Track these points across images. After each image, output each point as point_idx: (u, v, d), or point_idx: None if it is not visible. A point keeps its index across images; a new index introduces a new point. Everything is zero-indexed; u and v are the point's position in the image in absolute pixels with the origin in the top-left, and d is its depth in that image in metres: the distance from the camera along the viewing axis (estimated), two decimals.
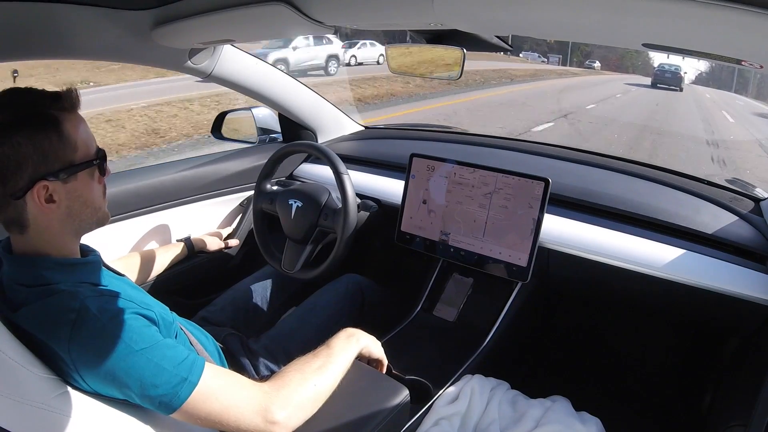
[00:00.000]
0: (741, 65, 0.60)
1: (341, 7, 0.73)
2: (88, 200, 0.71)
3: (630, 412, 1.31)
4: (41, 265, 0.67)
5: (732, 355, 1.19)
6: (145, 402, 0.64)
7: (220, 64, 1.25)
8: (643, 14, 0.50)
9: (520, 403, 0.99)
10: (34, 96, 0.66)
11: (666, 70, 18.26)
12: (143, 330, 0.65)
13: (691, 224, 1.07)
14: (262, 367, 1.02)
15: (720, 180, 1.29)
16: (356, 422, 0.75)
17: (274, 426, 0.67)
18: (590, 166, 1.35)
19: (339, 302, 1.21)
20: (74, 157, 0.68)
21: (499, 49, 1.01)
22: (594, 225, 1.13)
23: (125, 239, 1.27)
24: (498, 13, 0.62)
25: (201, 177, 1.42)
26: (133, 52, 1.07)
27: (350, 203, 1.18)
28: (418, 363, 1.09)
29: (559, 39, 0.81)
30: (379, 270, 1.66)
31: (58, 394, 0.61)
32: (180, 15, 0.89)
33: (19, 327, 0.63)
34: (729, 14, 0.44)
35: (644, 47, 0.63)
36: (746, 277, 0.97)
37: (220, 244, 1.42)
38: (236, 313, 1.21)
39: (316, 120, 1.63)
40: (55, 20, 0.86)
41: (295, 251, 1.29)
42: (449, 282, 1.36)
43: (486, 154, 1.44)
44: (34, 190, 0.64)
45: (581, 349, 1.52)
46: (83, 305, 0.63)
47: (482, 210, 1.19)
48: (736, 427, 0.86)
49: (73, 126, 0.68)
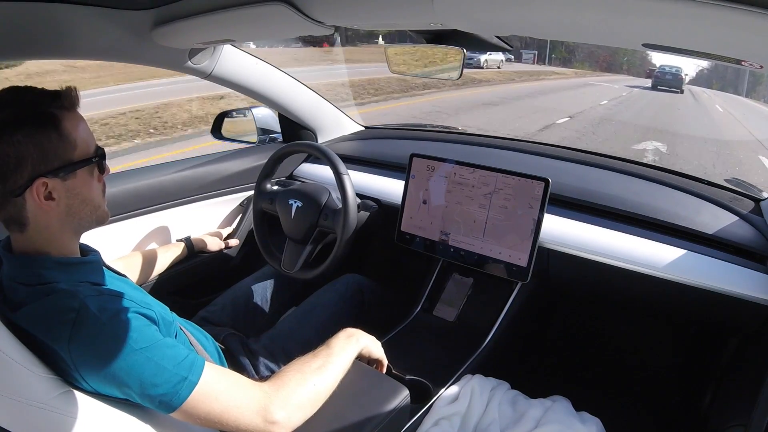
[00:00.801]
0: (741, 65, 0.60)
1: (341, 7, 0.73)
2: (87, 198, 0.71)
3: (630, 412, 1.31)
4: (41, 264, 0.67)
5: (732, 355, 1.19)
6: (145, 401, 0.64)
7: (220, 64, 1.25)
8: (643, 14, 0.50)
9: (520, 403, 0.99)
10: (35, 94, 0.67)
11: (666, 72, 18.14)
12: (143, 329, 0.65)
13: (691, 224, 1.07)
14: (262, 367, 1.02)
15: (720, 180, 1.29)
16: (356, 422, 0.75)
17: (273, 426, 0.67)
18: (590, 166, 1.35)
19: (339, 302, 1.21)
20: (73, 155, 0.68)
21: (499, 49, 1.01)
22: (594, 225, 1.13)
23: (125, 239, 1.27)
24: (498, 13, 0.62)
25: (201, 177, 1.42)
26: (133, 52, 1.07)
27: (350, 203, 1.18)
28: (418, 363, 1.09)
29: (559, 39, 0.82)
30: (379, 270, 1.66)
31: (58, 394, 0.61)
32: (180, 15, 0.89)
33: (19, 326, 0.63)
34: (729, 14, 0.44)
35: (644, 47, 0.63)
36: (746, 277, 0.97)
37: (221, 244, 1.42)
38: (236, 313, 1.21)
39: (316, 120, 1.63)
40: (55, 20, 0.86)
41: (295, 251, 1.29)
42: (449, 282, 1.36)
43: (486, 154, 1.44)
44: (33, 188, 0.65)
45: (581, 349, 1.52)
46: (83, 305, 0.63)
47: (482, 210, 1.19)
48: (736, 427, 0.86)
49: (73, 124, 0.68)
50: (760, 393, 0.74)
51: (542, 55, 29.29)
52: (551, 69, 24.81)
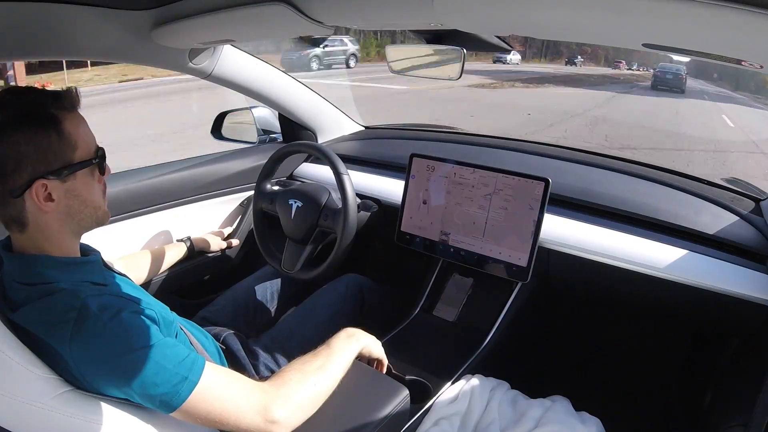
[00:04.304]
0: (741, 65, 0.60)
1: (341, 8, 0.73)
2: (87, 199, 0.71)
3: (630, 412, 1.31)
4: (42, 264, 0.67)
5: (732, 355, 1.19)
6: (145, 401, 0.64)
7: (220, 64, 1.25)
8: (644, 14, 0.50)
9: (520, 403, 0.99)
10: (35, 95, 0.66)
11: (667, 71, 17.96)
12: (144, 329, 0.65)
13: (691, 224, 1.07)
14: (262, 366, 1.02)
15: (720, 180, 1.29)
16: (356, 422, 0.75)
17: (274, 425, 0.67)
18: (590, 166, 1.35)
19: (339, 302, 1.21)
20: (73, 156, 0.68)
21: (499, 48, 1.02)
22: (594, 225, 1.13)
23: (126, 239, 1.27)
24: (498, 13, 0.62)
25: (201, 177, 1.42)
26: (133, 52, 1.07)
27: (350, 203, 1.18)
28: (418, 363, 1.09)
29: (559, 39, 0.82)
30: (379, 270, 1.66)
31: (58, 394, 0.61)
32: (180, 15, 0.89)
33: (20, 326, 0.63)
34: (729, 14, 0.44)
35: (644, 47, 0.63)
36: (746, 277, 0.97)
37: (221, 244, 1.42)
38: (236, 313, 1.21)
39: (316, 120, 1.63)
40: (55, 20, 0.86)
41: (295, 251, 1.29)
42: (449, 282, 1.35)
43: (486, 155, 1.44)
44: (32, 189, 0.64)
45: (581, 349, 1.52)
46: (84, 304, 0.63)
47: (482, 211, 1.19)
48: (736, 427, 0.86)
49: (74, 125, 0.68)
50: (760, 393, 0.74)
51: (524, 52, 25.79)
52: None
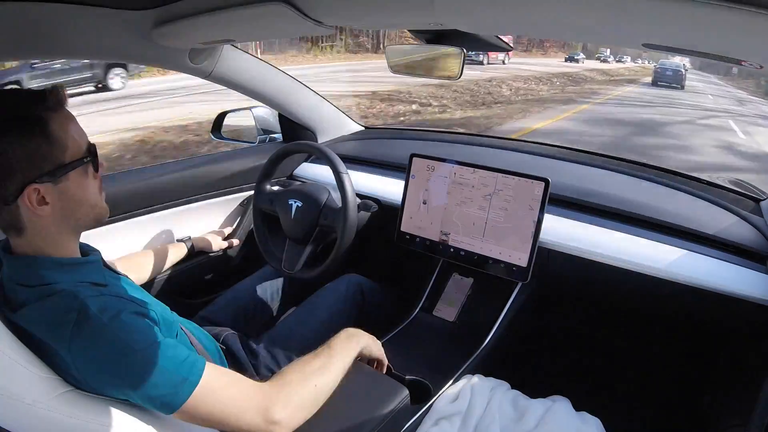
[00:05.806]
0: (741, 65, 0.60)
1: (341, 7, 0.73)
2: (82, 198, 0.69)
3: (630, 413, 1.31)
4: (41, 265, 0.67)
5: (732, 355, 1.19)
6: (145, 402, 0.64)
7: (220, 64, 1.25)
8: (644, 14, 0.50)
9: (520, 402, 0.99)
10: (19, 98, 0.65)
11: (667, 68, 17.99)
12: (144, 330, 0.65)
13: (691, 224, 1.07)
14: (263, 367, 1.02)
15: (720, 180, 1.29)
16: (356, 422, 0.75)
17: (274, 426, 0.67)
18: (590, 166, 1.35)
19: (339, 302, 1.21)
20: (64, 157, 0.66)
21: (500, 48, 1.02)
22: (594, 225, 1.13)
23: (126, 239, 1.27)
24: (498, 13, 0.62)
25: (201, 177, 1.42)
26: (133, 52, 1.07)
27: (350, 203, 1.18)
28: (418, 363, 1.09)
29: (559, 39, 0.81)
30: (379, 270, 1.66)
31: (58, 394, 0.61)
32: (180, 15, 0.89)
33: (20, 327, 0.63)
34: (729, 14, 0.44)
35: (644, 47, 0.63)
36: (746, 277, 0.97)
37: (221, 244, 1.42)
38: (236, 313, 1.21)
39: (316, 120, 1.63)
40: (55, 20, 0.86)
41: (295, 251, 1.29)
42: (449, 282, 1.35)
43: (486, 155, 1.44)
44: (25, 195, 0.63)
45: (581, 348, 1.52)
46: (84, 305, 0.62)
47: (482, 212, 1.19)
48: (736, 427, 0.86)
49: (61, 125, 0.66)
50: (760, 393, 0.74)
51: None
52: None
